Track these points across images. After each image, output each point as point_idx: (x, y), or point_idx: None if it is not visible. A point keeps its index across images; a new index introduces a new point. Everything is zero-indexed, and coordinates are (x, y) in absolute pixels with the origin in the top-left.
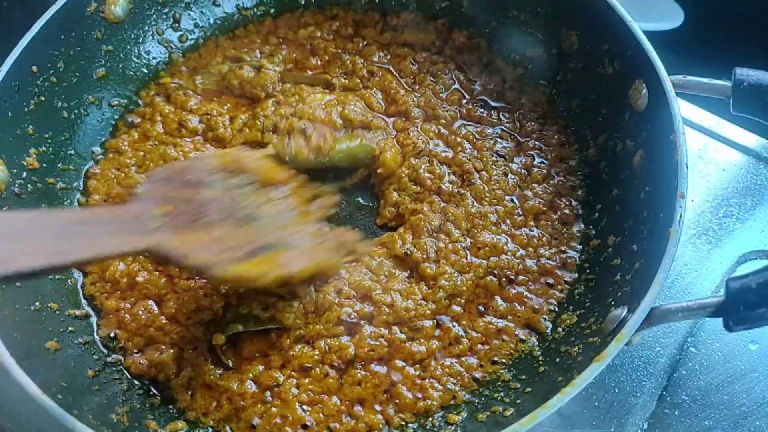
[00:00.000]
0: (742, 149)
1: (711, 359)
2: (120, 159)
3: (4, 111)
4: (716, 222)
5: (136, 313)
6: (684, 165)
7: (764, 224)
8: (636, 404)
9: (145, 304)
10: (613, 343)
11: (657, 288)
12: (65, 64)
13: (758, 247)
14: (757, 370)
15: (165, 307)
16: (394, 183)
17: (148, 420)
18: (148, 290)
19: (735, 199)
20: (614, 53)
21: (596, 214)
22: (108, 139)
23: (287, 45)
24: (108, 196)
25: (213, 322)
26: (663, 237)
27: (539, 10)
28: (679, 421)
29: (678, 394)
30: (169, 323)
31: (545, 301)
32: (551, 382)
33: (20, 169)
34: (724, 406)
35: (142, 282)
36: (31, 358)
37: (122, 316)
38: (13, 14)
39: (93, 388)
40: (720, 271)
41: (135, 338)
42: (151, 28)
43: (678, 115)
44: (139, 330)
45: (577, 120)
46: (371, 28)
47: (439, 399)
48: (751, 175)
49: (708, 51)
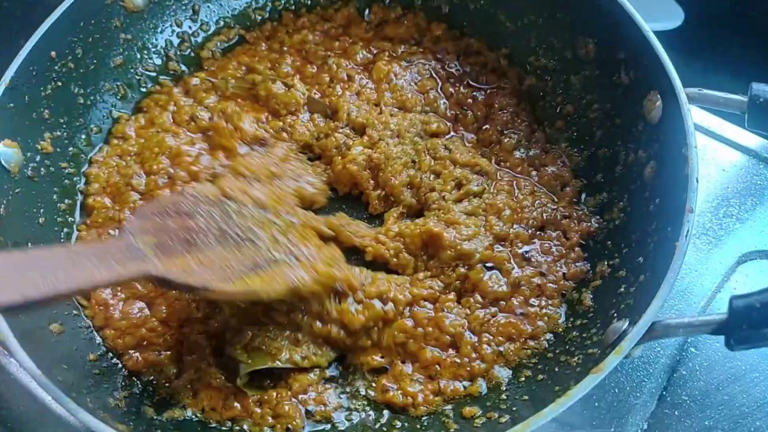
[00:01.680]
0: (742, 149)
1: (711, 359)
2: (123, 146)
3: (21, 95)
4: (716, 222)
5: (126, 311)
6: (694, 179)
7: (764, 224)
8: (636, 404)
9: (138, 305)
10: (611, 356)
11: (659, 303)
12: (83, 50)
13: (758, 247)
14: (757, 370)
15: (155, 311)
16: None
17: (146, 407)
18: (137, 290)
19: (735, 199)
20: (630, 63)
21: (605, 223)
22: (115, 124)
23: (290, 54)
24: (107, 185)
25: (214, 335)
26: (670, 251)
27: (557, 15)
28: (679, 421)
29: (678, 394)
30: (161, 326)
31: (548, 310)
32: (549, 391)
33: (34, 152)
34: (724, 406)
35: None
36: (35, 340)
37: (111, 312)
38: (14, 14)
39: (93, 372)
40: (720, 271)
41: (125, 337)
42: (170, 19)
43: (691, 129)
44: (129, 329)
45: (590, 128)
46: (358, 26)
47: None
48: (751, 175)
49: (708, 51)
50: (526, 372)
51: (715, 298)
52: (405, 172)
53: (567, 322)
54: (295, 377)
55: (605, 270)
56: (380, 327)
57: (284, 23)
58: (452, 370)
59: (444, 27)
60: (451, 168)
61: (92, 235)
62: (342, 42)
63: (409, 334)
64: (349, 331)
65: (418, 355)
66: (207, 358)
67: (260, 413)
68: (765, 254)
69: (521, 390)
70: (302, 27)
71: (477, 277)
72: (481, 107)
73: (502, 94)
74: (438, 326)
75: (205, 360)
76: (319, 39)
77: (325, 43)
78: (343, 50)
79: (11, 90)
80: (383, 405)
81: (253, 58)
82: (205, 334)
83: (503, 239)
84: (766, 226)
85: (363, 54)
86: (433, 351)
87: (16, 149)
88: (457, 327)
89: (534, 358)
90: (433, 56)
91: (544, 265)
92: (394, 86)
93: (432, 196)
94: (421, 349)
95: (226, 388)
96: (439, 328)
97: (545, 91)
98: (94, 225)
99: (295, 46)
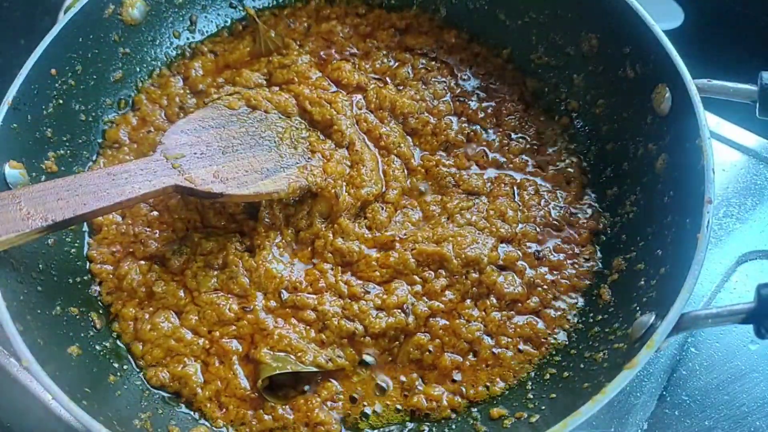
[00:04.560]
0: (742, 149)
1: (711, 359)
2: (118, 156)
3: (24, 114)
4: (716, 222)
5: (156, 323)
6: (710, 170)
7: (764, 224)
8: (636, 404)
9: (165, 315)
10: (644, 350)
11: (686, 295)
12: (83, 66)
13: (758, 247)
14: (757, 370)
15: (185, 320)
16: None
17: (171, 426)
18: (167, 301)
19: (735, 199)
20: (636, 57)
21: (617, 218)
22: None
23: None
24: None
25: (243, 338)
26: (690, 243)
27: (559, 12)
28: (679, 421)
29: (678, 394)
30: (191, 334)
31: (568, 305)
32: (576, 389)
33: (39, 172)
34: (724, 406)
35: (159, 292)
36: (56, 365)
37: (140, 326)
38: (14, 14)
39: (115, 393)
40: (720, 271)
41: (154, 350)
42: (168, 30)
43: (703, 120)
44: (158, 340)
45: (596, 123)
46: (385, 31)
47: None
48: (751, 175)
49: (708, 51)
50: (551, 370)
51: (716, 298)
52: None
53: (587, 318)
54: (324, 384)
55: (622, 264)
56: (402, 340)
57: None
58: (472, 374)
59: (455, 33)
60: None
61: (102, 252)
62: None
63: (425, 348)
64: (373, 335)
65: (436, 364)
66: (233, 367)
67: (292, 419)
68: (765, 254)
69: (547, 388)
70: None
71: (490, 279)
72: (491, 117)
73: (509, 100)
74: (455, 334)
75: (231, 370)
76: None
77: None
78: (365, 52)
79: (14, 110)
80: (409, 411)
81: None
82: (235, 338)
83: (510, 240)
84: (766, 226)
85: (383, 61)
86: (451, 357)
87: (22, 170)
88: (474, 332)
89: (557, 355)
90: (449, 71)
91: (557, 263)
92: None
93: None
94: (439, 357)
95: (252, 399)
96: (456, 336)
97: (549, 89)
98: (104, 242)
99: (322, 33)
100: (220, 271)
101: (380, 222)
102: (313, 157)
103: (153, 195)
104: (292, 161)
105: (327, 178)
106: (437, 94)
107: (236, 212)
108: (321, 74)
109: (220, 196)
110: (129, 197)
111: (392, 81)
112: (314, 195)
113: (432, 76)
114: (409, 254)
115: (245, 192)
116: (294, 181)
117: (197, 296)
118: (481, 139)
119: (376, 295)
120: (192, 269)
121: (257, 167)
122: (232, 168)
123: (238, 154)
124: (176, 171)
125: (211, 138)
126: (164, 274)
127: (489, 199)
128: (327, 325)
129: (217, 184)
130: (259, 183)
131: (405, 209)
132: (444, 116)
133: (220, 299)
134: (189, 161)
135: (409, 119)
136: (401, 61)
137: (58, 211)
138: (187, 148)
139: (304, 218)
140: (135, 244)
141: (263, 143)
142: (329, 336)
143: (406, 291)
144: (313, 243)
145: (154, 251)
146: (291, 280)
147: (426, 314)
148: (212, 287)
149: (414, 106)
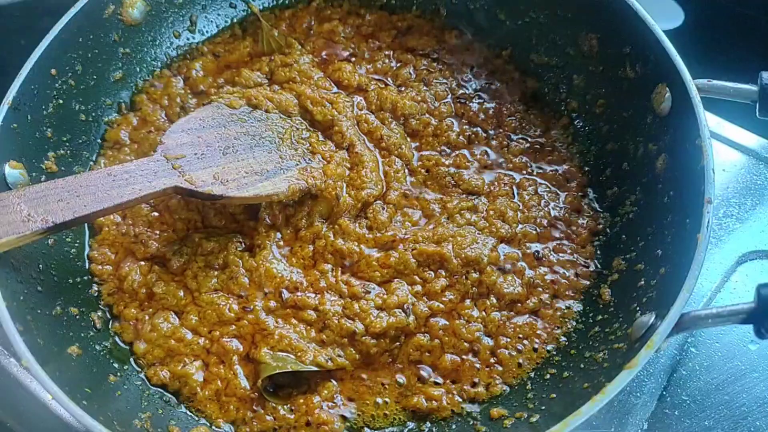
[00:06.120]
0: (742, 149)
1: (711, 359)
2: (119, 156)
3: (24, 114)
4: (716, 222)
5: (156, 323)
6: (710, 170)
7: (764, 224)
8: (636, 404)
9: (165, 315)
10: (643, 350)
11: (686, 295)
12: (83, 66)
13: (758, 247)
14: (757, 370)
15: (185, 320)
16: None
17: (171, 426)
18: (167, 301)
19: (735, 199)
20: (636, 57)
21: (617, 218)
22: (107, 131)
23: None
24: None
25: (243, 338)
26: (690, 243)
27: (559, 12)
28: (679, 421)
29: (678, 394)
30: (191, 334)
31: (565, 308)
32: (576, 389)
33: (39, 172)
34: (724, 406)
35: (159, 293)
36: (56, 365)
37: (140, 326)
38: (13, 14)
39: (115, 393)
40: (720, 271)
41: (155, 349)
42: (168, 30)
43: (703, 120)
44: (158, 340)
45: (596, 123)
46: (387, 32)
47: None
48: (751, 175)
49: (708, 51)
50: (551, 370)
51: (716, 298)
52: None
53: (587, 318)
54: (324, 384)
55: (622, 264)
56: (403, 340)
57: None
58: (472, 374)
59: (455, 33)
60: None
61: (103, 252)
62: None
63: (425, 349)
64: (373, 334)
65: (436, 364)
66: (233, 367)
67: (293, 419)
68: (765, 254)
69: (547, 388)
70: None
71: (490, 279)
72: (492, 119)
73: (509, 100)
74: (455, 334)
75: (231, 370)
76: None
77: (355, 40)
78: (367, 53)
79: (14, 110)
80: (409, 411)
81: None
82: (235, 338)
83: (510, 240)
84: (766, 226)
85: (384, 62)
86: (451, 357)
87: (22, 170)
88: (473, 332)
89: (557, 355)
90: (450, 73)
91: (557, 263)
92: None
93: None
94: (439, 357)
95: (252, 399)
96: (456, 336)
97: (549, 89)
98: (105, 243)
99: (324, 34)
100: (221, 271)
101: (381, 222)
102: (313, 158)
103: (153, 196)
104: (293, 163)
105: (327, 181)
106: (438, 95)
107: (236, 212)
108: (322, 75)
109: (219, 198)
110: (129, 199)
111: (393, 82)
112: (314, 196)
113: (433, 77)
114: (409, 254)
115: (245, 194)
116: (294, 183)
117: (198, 296)
118: (481, 140)
119: (377, 295)
120: (192, 269)
121: (257, 169)
122: (232, 169)
123: (238, 155)
124: (176, 172)
125: (212, 138)
126: (165, 274)
127: (489, 199)
128: (327, 324)
129: (217, 185)
130: (259, 185)
131: (405, 209)
132: (445, 118)
133: (220, 299)
134: (189, 162)
135: (411, 120)
136: (403, 62)
137: (59, 213)
138: (188, 148)
139: (304, 218)
140: (135, 244)
141: (263, 144)
142: (329, 336)
143: (406, 291)
144: (314, 243)
145: (155, 252)
146: (291, 279)
147: (426, 314)
148: (212, 287)
149: (415, 108)
